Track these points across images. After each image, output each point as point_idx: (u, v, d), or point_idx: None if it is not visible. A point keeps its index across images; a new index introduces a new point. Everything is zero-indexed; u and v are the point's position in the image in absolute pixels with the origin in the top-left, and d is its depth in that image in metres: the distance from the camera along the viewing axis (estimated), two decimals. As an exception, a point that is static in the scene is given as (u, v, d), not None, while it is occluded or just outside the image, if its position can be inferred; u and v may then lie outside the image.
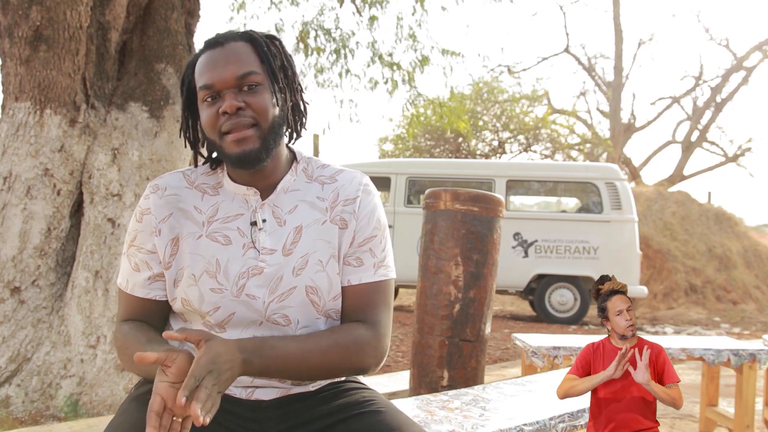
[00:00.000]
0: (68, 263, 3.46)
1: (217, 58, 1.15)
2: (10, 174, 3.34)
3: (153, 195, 1.21)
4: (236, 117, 1.12)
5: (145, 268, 1.20)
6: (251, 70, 1.15)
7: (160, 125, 3.61)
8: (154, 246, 1.19)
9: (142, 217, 1.21)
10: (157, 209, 1.19)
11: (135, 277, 1.21)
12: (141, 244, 1.21)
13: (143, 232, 1.20)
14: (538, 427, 1.63)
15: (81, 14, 3.38)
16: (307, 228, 1.19)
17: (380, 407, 1.18)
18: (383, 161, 10.36)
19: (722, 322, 8.92)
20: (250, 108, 1.13)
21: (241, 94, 1.14)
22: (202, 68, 1.16)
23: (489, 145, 17.75)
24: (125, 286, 1.23)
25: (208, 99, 1.15)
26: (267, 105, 1.15)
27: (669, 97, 19.83)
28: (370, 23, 5.49)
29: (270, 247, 1.17)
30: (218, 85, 1.14)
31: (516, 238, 8.02)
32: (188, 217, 1.19)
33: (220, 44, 1.17)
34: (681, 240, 11.07)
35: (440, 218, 2.86)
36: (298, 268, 1.17)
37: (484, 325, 2.87)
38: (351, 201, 1.22)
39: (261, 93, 1.15)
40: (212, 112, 1.14)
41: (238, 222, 1.19)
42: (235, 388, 1.17)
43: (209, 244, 1.17)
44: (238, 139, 1.13)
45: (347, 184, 1.24)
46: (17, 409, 3.09)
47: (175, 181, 1.23)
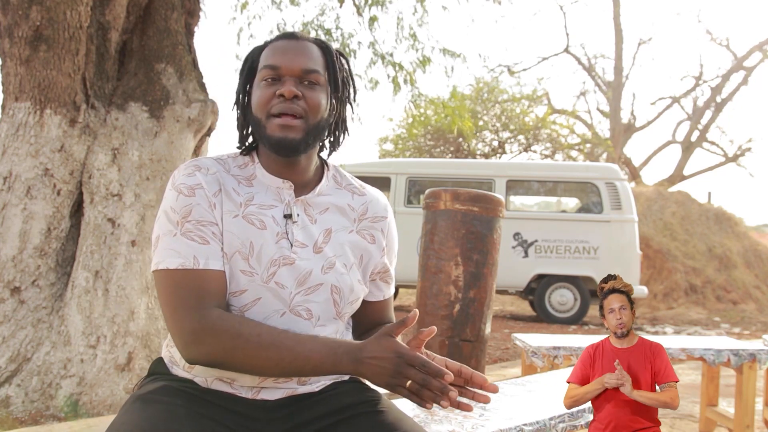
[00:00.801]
0: (68, 263, 3.46)
1: (290, 47, 1.20)
2: (10, 174, 3.34)
3: (198, 173, 1.18)
4: (290, 103, 1.17)
5: (215, 239, 1.14)
6: (317, 68, 1.20)
7: (160, 125, 3.61)
8: (214, 218, 1.16)
9: (194, 191, 1.16)
10: (208, 184, 1.17)
11: (206, 251, 1.12)
12: (201, 217, 1.14)
13: (199, 206, 1.15)
14: (538, 427, 1.63)
15: (81, 14, 3.38)
16: (336, 232, 1.23)
17: (382, 407, 1.19)
18: (383, 161, 10.36)
19: (722, 322, 8.92)
20: (305, 100, 1.18)
21: (301, 85, 1.18)
22: (273, 51, 1.21)
23: (489, 145, 17.74)
24: (195, 263, 1.11)
25: (268, 79, 1.19)
26: (321, 103, 1.20)
27: (669, 97, 19.85)
28: (370, 23, 5.49)
29: (302, 241, 1.19)
30: (284, 70, 1.18)
31: (516, 238, 8.02)
32: (228, 196, 1.19)
33: (296, 38, 1.23)
34: (681, 240, 11.07)
35: (440, 218, 2.86)
36: (327, 267, 1.20)
37: (484, 325, 2.87)
38: (380, 219, 1.30)
39: (318, 92, 1.20)
40: (269, 92, 1.18)
41: (272, 212, 1.20)
42: (240, 388, 1.17)
43: (245, 225, 1.17)
44: (285, 125, 1.16)
45: (375, 201, 1.31)
46: (17, 409, 3.09)
47: (213, 165, 1.22)
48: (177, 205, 1.15)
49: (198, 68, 3.99)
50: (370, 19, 5.49)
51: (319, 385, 1.22)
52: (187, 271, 1.11)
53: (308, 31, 5.63)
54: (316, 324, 1.18)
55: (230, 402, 1.16)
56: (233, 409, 1.16)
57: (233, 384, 1.17)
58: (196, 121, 3.69)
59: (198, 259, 1.12)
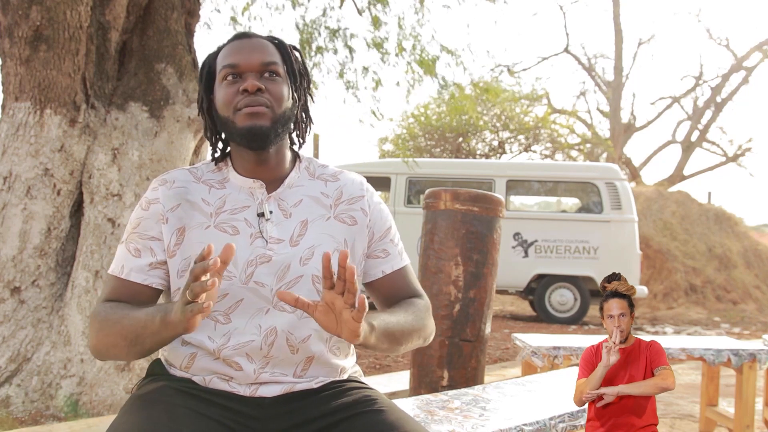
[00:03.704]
0: (68, 263, 3.46)
1: (245, 45, 1.24)
2: (10, 174, 3.34)
3: (162, 187, 1.24)
4: (254, 96, 1.19)
5: (148, 254, 1.21)
6: (275, 60, 1.24)
7: (160, 125, 3.61)
8: (160, 233, 1.21)
9: (149, 206, 1.24)
10: (165, 199, 1.23)
11: (133, 263, 1.21)
12: (145, 231, 1.22)
13: (148, 219, 1.22)
14: (538, 427, 1.63)
15: (81, 14, 3.38)
16: (312, 222, 1.24)
17: (382, 406, 1.18)
18: (383, 161, 10.35)
19: (722, 322, 8.92)
20: (268, 92, 1.21)
21: (262, 79, 1.21)
22: (229, 51, 1.24)
23: (489, 145, 17.74)
24: (119, 271, 1.22)
25: (229, 77, 1.21)
26: (284, 94, 1.23)
27: (669, 97, 19.84)
28: (374, 23, 5.49)
29: (277, 236, 1.21)
30: (243, 66, 1.21)
31: (516, 238, 8.02)
32: (196, 208, 1.22)
33: (248, 37, 1.26)
34: (681, 240, 11.07)
35: (440, 218, 2.87)
36: (305, 258, 1.21)
37: (484, 325, 2.87)
38: (357, 199, 1.30)
39: (280, 83, 1.23)
40: (232, 89, 1.21)
41: (245, 213, 1.22)
42: (238, 386, 1.18)
43: (217, 234, 1.20)
44: (252, 112, 1.18)
45: (349, 183, 1.32)
46: (17, 409, 3.09)
47: (182, 176, 1.27)
48: (133, 217, 1.26)
49: (198, 68, 3.99)
50: (372, 18, 5.49)
51: (318, 382, 1.22)
52: (114, 277, 1.23)
53: (311, 31, 5.63)
54: (301, 316, 1.19)
55: (229, 400, 1.17)
56: (232, 407, 1.16)
57: (230, 382, 1.18)
58: (196, 121, 3.69)
59: (124, 269, 1.22)
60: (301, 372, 1.21)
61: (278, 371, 1.19)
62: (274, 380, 1.19)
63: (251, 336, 1.17)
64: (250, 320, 1.18)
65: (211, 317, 1.18)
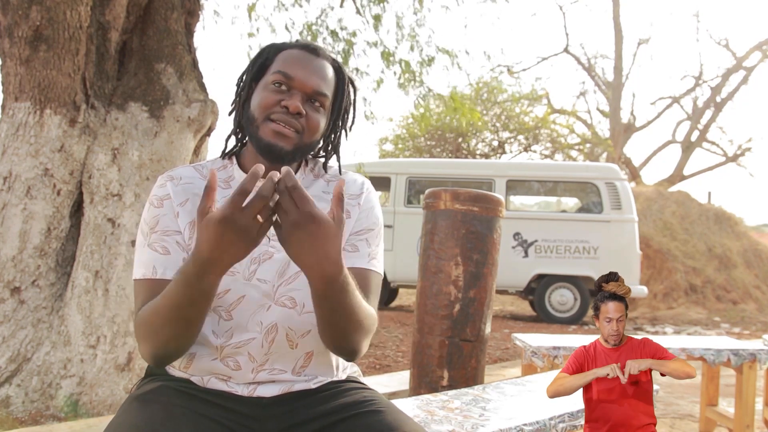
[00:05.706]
0: (68, 263, 3.46)
1: (309, 62, 1.23)
2: (10, 174, 3.34)
3: (170, 183, 1.24)
4: (291, 117, 1.19)
5: (177, 249, 1.19)
6: (327, 93, 1.24)
7: (160, 125, 3.60)
8: (179, 227, 1.20)
9: (162, 202, 1.22)
10: (175, 195, 1.22)
11: (166, 261, 1.17)
12: (166, 227, 1.20)
13: (166, 216, 1.21)
14: (538, 427, 1.63)
15: (81, 14, 3.38)
16: None
17: (381, 407, 1.18)
18: (383, 161, 10.36)
19: (722, 322, 8.92)
20: (306, 119, 1.21)
21: (307, 104, 1.21)
22: (291, 59, 1.22)
23: (489, 145, 17.74)
24: (153, 272, 1.17)
25: (278, 84, 1.21)
26: (319, 126, 1.23)
27: (669, 97, 19.87)
28: (375, 23, 5.48)
29: None
30: (296, 83, 1.20)
31: (516, 238, 8.02)
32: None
33: (316, 53, 1.25)
34: (681, 240, 11.07)
35: (440, 218, 2.87)
36: None
37: (484, 325, 2.87)
38: (356, 196, 1.30)
39: (321, 115, 1.23)
40: (275, 98, 1.20)
41: None
42: (236, 385, 1.18)
43: None
44: (280, 132, 1.18)
45: (351, 182, 1.31)
46: (17, 409, 3.09)
47: (188, 172, 1.27)
48: (148, 216, 1.22)
49: (198, 68, 3.99)
50: (373, 18, 5.48)
51: (317, 382, 1.23)
52: (146, 280, 1.17)
53: (314, 32, 5.63)
54: (301, 311, 1.19)
55: (228, 400, 1.17)
56: (231, 407, 1.16)
57: (228, 381, 1.18)
58: (196, 121, 3.69)
59: (157, 270, 1.17)
60: (299, 369, 1.21)
61: (277, 368, 1.19)
62: (273, 379, 1.19)
63: (253, 333, 1.18)
64: (253, 316, 1.18)
65: (215, 311, 1.18)
